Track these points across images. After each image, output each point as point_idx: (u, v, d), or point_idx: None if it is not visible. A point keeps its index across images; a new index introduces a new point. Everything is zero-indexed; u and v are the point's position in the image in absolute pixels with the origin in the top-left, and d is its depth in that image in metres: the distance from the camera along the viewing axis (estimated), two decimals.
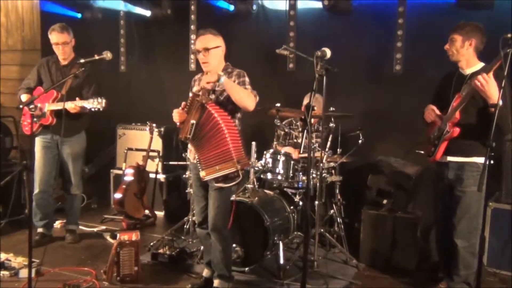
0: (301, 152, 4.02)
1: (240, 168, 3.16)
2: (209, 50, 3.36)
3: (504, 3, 4.44)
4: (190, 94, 3.35)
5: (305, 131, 2.77)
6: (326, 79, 3.67)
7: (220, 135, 3.14)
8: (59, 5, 6.35)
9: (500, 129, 2.93)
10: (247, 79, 3.39)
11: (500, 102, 2.80)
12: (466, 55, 3.30)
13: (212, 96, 3.37)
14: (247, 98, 3.26)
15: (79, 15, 6.40)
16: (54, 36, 4.42)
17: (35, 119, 4.29)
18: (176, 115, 3.35)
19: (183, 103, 3.35)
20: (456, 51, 3.31)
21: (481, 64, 3.30)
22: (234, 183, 3.25)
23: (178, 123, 3.36)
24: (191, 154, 3.57)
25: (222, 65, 3.48)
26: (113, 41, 6.28)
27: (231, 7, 5.56)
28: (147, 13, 6.00)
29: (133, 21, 6.27)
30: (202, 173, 3.23)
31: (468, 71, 3.33)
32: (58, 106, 4.27)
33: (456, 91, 3.29)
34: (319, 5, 5.20)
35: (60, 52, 4.44)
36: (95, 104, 4.11)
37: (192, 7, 5.83)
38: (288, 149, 4.55)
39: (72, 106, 4.16)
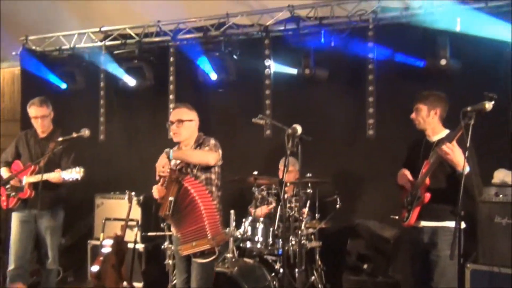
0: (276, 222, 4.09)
1: (215, 244, 3.21)
2: (183, 122, 3.52)
3: (468, 69, 4.69)
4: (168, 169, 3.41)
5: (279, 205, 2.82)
6: (301, 146, 3.78)
7: (196, 211, 3.21)
8: (40, 67, 6.40)
9: (469, 195, 3.02)
10: (212, 141, 3.51)
11: (467, 169, 2.93)
12: (431, 123, 3.45)
13: (188, 170, 3.44)
14: (203, 156, 3.42)
15: (62, 86, 6.40)
16: (33, 110, 4.48)
17: (13, 194, 4.29)
18: (156, 191, 3.43)
19: (162, 178, 3.41)
20: (422, 120, 3.46)
21: (446, 131, 3.45)
22: (211, 258, 3.28)
23: (158, 199, 3.42)
24: (174, 228, 3.58)
25: (195, 136, 3.62)
26: (93, 110, 6.37)
27: (214, 77, 5.65)
28: (132, 82, 6.03)
29: (113, 90, 6.39)
30: (179, 248, 3.28)
31: (434, 138, 3.46)
32: (37, 179, 4.27)
33: (425, 158, 3.41)
34: (294, 72, 5.39)
35: (39, 125, 4.49)
36: (73, 174, 4.12)
37: (171, 77, 6.00)
38: (259, 210, 4.58)
39: (51, 176, 4.17)
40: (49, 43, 6.39)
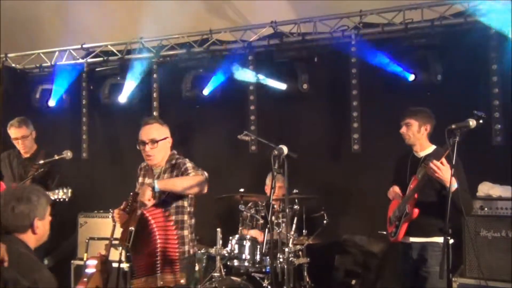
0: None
1: (164, 285, 2.97)
2: (157, 142, 3.13)
3: (451, 83, 4.73)
4: (137, 187, 3.30)
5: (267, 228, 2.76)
6: (288, 162, 3.77)
7: (151, 245, 2.97)
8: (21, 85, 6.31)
9: (460, 210, 3.02)
10: (188, 164, 3.13)
11: (455, 186, 2.95)
12: (420, 139, 3.48)
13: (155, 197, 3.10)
14: (192, 185, 3.00)
15: (44, 104, 6.25)
16: (13, 131, 4.40)
17: None
18: (117, 216, 3.15)
19: (124, 202, 3.16)
20: (412, 135, 3.48)
21: (433, 147, 3.48)
22: None
23: (120, 225, 3.18)
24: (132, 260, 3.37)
25: (168, 155, 3.25)
26: (75, 128, 6.28)
27: (206, 92, 5.49)
28: (123, 99, 5.89)
29: (96, 108, 6.32)
30: (131, 282, 3.10)
31: (421, 154, 3.49)
32: None
33: (412, 173, 3.43)
34: (283, 87, 5.32)
35: (21, 146, 4.42)
36: (60, 194, 4.06)
37: (155, 94, 5.95)
38: (254, 232, 4.52)
39: None
40: (29, 60, 6.30)
